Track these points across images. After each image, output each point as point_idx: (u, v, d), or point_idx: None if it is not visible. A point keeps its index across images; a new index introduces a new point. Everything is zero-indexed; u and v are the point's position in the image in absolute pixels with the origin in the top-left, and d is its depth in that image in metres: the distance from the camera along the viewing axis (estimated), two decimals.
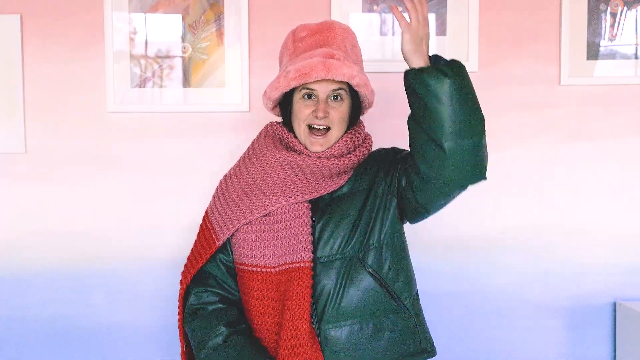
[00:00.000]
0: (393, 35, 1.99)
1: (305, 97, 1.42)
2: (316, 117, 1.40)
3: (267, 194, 1.41)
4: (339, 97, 1.42)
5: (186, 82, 1.99)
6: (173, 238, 2.00)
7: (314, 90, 1.40)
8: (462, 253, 2.01)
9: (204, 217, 1.54)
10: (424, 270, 1.52)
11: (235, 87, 1.97)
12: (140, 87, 1.99)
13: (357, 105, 1.48)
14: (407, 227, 1.56)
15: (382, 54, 1.99)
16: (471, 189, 2.03)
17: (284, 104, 1.48)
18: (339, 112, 1.42)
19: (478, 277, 2.02)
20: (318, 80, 1.38)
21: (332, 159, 1.43)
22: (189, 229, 1.96)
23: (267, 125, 1.55)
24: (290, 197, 1.39)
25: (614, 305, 2.02)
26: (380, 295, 1.40)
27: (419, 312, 1.47)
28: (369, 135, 1.53)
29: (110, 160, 2.00)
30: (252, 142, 1.55)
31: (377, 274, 1.40)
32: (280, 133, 1.50)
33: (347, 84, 1.41)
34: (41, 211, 1.99)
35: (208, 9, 1.97)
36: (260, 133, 1.55)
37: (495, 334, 2.02)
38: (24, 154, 1.99)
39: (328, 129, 1.43)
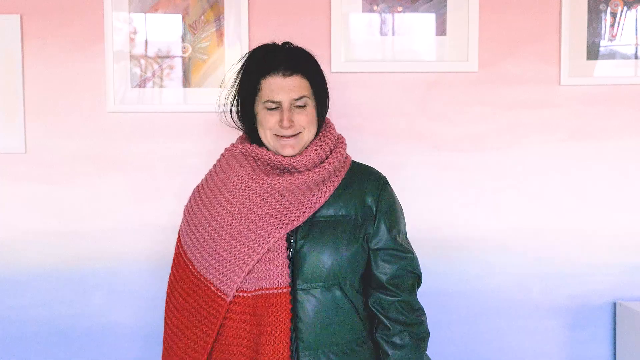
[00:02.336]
0: (393, 35, 1.99)
1: (270, 107, 1.40)
2: (281, 127, 1.38)
3: (258, 231, 1.37)
4: (303, 104, 1.40)
5: (186, 82, 1.99)
6: (173, 238, 1.99)
7: (278, 102, 1.38)
8: (462, 253, 2.01)
9: (188, 269, 1.44)
10: (423, 270, 1.52)
11: None
12: (140, 87, 1.99)
13: (322, 106, 1.47)
14: (407, 227, 1.56)
15: (382, 54, 1.99)
16: (471, 190, 2.04)
17: (245, 116, 1.46)
18: (303, 116, 1.40)
19: (478, 277, 2.02)
20: (279, 90, 1.37)
21: (307, 173, 1.39)
22: None
23: (228, 149, 1.49)
24: (281, 228, 1.36)
25: (614, 305, 2.02)
26: (357, 326, 1.42)
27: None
28: (342, 136, 1.50)
29: (110, 160, 2.00)
30: (214, 174, 1.48)
31: (355, 305, 1.41)
32: (252, 152, 1.43)
33: (311, 88, 1.41)
34: (41, 211, 1.99)
35: (208, 9, 1.97)
36: (221, 161, 1.49)
37: (494, 334, 2.02)
38: (24, 154, 1.99)
39: (298, 132, 1.41)
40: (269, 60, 1.40)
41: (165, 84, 1.99)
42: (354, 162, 1.52)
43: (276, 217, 1.36)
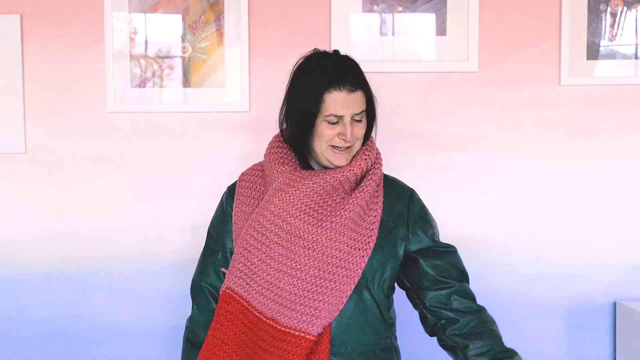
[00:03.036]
0: (393, 35, 1.99)
1: (331, 121, 1.38)
2: (344, 140, 1.37)
3: (346, 265, 1.37)
4: (360, 119, 1.41)
5: (186, 82, 1.99)
6: (173, 238, 2.00)
7: (342, 116, 1.37)
8: (462, 253, 2.00)
9: (269, 326, 1.38)
10: None
11: (235, 87, 1.98)
12: (140, 87, 1.99)
13: (372, 120, 1.46)
14: None
15: (382, 54, 1.99)
16: (471, 190, 2.04)
17: (303, 129, 1.41)
18: (360, 129, 1.41)
19: (478, 277, 2.01)
20: (345, 106, 1.36)
21: (363, 189, 1.39)
22: (189, 229, 1.96)
23: (283, 191, 1.40)
24: (364, 256, 1.38)
25: (614, 305, 2.02)
26: (381, 330, 1.42)
27: (398, 350, 1.50)
28: (379, 152, 1.50)
29: (110, 160, 2.00)
30: (273, 220, 1.39)
31: (380, 308, 1.41)
32: (307, 179, 1.40)
33: (367, 104, 1.41)
34: (41, 211, 2.00)
35: (208, 9, 1.97)
36: (277, 205, 1.40)
37: None
38: (24, 154, 1.99)
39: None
40: (332, 74, 1.38)
41: (165, 84, 1.99)
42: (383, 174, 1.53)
43: (357, 248, 1.38)
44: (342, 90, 1.35)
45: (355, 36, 1.98)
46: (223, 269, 1.46)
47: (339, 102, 1.36)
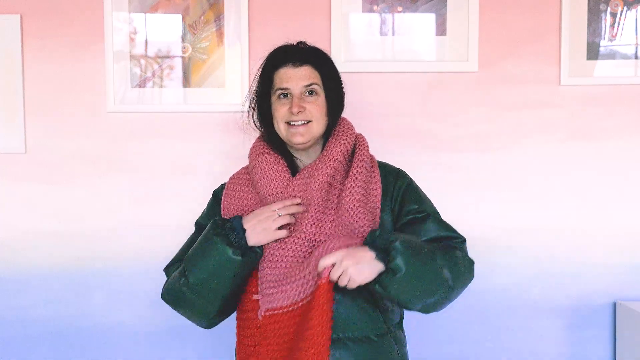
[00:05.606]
0: (393, 35, 1.99)
1: (281, 96, 1.43)
2: (292, 113, 1.40)
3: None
4: (313, 93, 1.42)
5: (186, 82, 1.99)
6: (173, 238, 1.99)
7: (287, 88, 1.41)
8: None
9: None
10: None
11: (235, 87, 1.98)
12: (140, 87, 1.99)
13: (334, 102, 1.47)
14: None
15: (382, 54, 1.99)
16: (471, 190, 2.04)
17: (263, 115, 1.47)
18: (316, 106, 1.41)
19: (478, 277, 2.01)
20: (289, 79, 1.41)
21: (358, 177, 1.40)
22: (189, 229, 1.96)
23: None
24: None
25: (614, 305, 2.02)
26: (374, 316, 1.40)
27: (401, 340, 1.47)
28: (361, 135, 1.50)
29: (110, 160, 2.00)
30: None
31: (372, 293, 1.38)
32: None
33: (322, 80, 1.43)
34: (41, 211, 2.00)
35: (208, 9, 1.98)
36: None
37: (495, 334, 2.02)
38: (24, 154, 1.99)
39: (309, 121, 1.42)
40: (281, 54, 1.45)
41: (165, 84, 1.99)
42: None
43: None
44: (287, 66, 1.42)
45: (355, 36, 1.98)
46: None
47: (284, 76, 1.42)
